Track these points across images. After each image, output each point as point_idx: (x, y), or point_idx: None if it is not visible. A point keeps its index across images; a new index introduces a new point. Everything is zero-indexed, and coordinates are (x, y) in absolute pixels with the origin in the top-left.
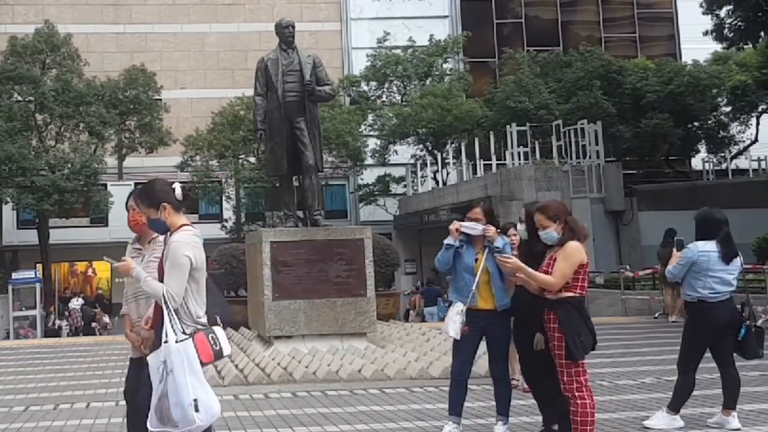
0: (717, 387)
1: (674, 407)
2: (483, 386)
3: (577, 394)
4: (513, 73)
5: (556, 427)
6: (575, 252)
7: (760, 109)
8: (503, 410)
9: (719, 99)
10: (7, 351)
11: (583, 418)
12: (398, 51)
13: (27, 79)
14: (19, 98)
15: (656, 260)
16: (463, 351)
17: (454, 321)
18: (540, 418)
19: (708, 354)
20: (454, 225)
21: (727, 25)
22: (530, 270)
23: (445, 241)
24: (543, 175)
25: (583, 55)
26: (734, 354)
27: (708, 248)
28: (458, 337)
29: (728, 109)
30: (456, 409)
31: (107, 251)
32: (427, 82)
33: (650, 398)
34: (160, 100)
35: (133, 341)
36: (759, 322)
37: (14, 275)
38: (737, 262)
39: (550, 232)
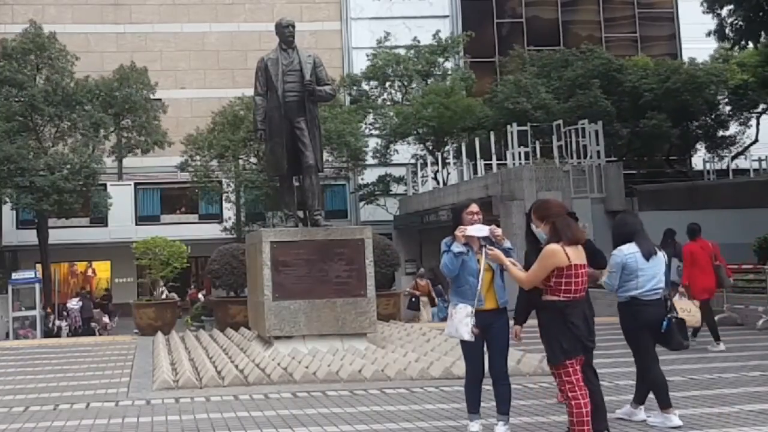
0: (717, 387)
1: (664, 404)
2: (482, 386)
3: (570, 394)
4: (516, 71)
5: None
6: (548, 255)
7: (760, 108)
8: (504, 409)
9: (719, 97)
10: (7, 351)
11: (579, 418)
12: (400, 50)
13: (16, 82)
14: (14, 98)
15: None
16: (475, 352)
17: (466, 323)
18: (540, 419)
19: (701, 354)
20: (460, 231)
21: (728, 25)
22: (508, 263)
23: (454, 249)
24: (543, 175)
25: (584, 53)
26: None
27: (632, 249)
28: (472, 339)
29: (729, 108)
30: (476, 407)
31: (107, 251)
32: (429, 81)
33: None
34: (159, 100)
35: None
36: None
37: (14, 275)
38: (659, 257)
39: (539, 232)
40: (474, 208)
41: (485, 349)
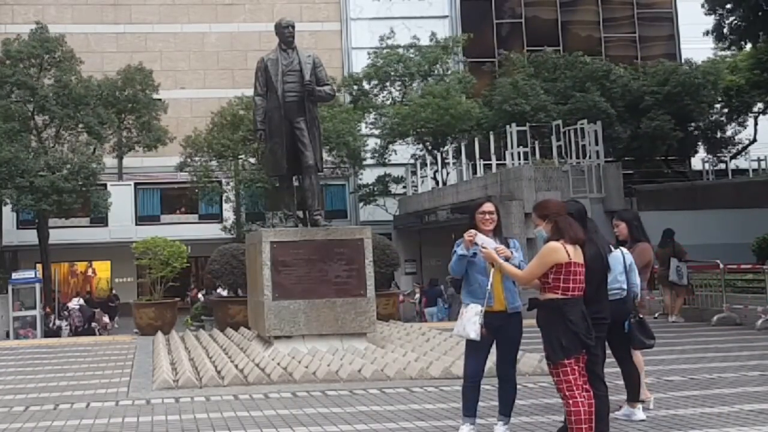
0: (717, 387)
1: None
2: (482, 386)
3: (567, 393)
4: (510, 74)
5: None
6: (547, 252)
7: (756, 109)
8: (506, 411)
9: (716, 98)
10: (7, 351)
11: (576, 417)
12: (401, 50)
13: (24, 84)
14: (18, 99)
15: (655, 260)
16: (478, 352)
17: (474, 322)
18: (540, 419)
19: (701, 354)
20: (469, 235)
21: (726, 25)
22: (501, 261)
23: (459, 252)
24: (543, 175)
25: (570, 63)
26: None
27: None
28: (479, 339)
29: (725, 110)
30: (471, 411)
31: (107, 251)
32: (429, 81)
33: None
34: (160, 100)
35: None
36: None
37: (14, 275)
38: (615, 256)
39: (540, 231)
40: (487, 207)
41: (491, 351)
